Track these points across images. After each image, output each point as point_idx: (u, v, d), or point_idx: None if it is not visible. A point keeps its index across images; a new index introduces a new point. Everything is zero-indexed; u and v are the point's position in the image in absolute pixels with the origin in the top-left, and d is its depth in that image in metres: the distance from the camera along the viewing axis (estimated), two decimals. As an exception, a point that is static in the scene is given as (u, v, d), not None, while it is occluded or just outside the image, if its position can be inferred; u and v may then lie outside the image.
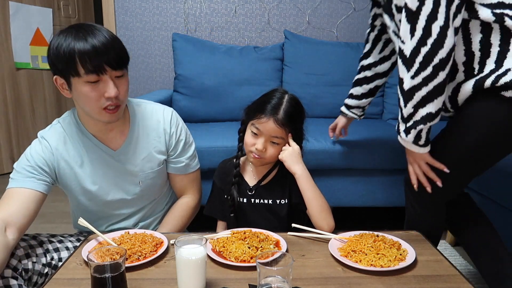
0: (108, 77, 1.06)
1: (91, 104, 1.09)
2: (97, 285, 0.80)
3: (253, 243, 1.03)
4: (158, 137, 1.26)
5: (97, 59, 1.03)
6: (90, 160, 1.20)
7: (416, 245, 1.06)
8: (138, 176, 1.25)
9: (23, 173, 1.13)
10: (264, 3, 2.60)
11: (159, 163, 1.28)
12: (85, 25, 1.08)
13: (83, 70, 1.03)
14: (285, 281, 0.80)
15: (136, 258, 0.99)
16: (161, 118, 1.27)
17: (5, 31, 2.92)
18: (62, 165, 1.18)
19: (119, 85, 1.09)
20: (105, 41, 1.05)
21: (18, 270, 1.00)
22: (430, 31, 1.00)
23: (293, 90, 1.32)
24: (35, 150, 1.17)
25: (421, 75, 1.04)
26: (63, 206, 2.45)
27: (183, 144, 1.31)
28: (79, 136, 1.20)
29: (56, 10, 3.25)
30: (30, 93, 3.15)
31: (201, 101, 2.35)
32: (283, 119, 1.19)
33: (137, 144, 1.24)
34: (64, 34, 1.05)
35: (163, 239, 1.09)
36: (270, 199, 1.28)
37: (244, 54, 2.40)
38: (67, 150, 1.19)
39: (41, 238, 1.13)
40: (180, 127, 1.31)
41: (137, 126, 1.24)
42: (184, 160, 1.32)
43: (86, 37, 1.03)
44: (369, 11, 1.47)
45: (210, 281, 0.91)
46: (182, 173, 1.34)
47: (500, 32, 1.05)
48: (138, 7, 2.59)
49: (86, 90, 1.06)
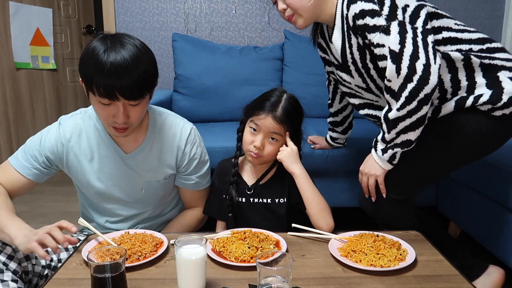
0: (121, 104, 1.04)
1: (101, 118, 1.13)
2: (97, 285, 0.80)
3: (253, 243, 1.03)
4: (171, 151, 1.26)
5: (110, 85, 1.00)
6: (100, 157, 1.22)
7: (416, 245, 1.06)
8: (143, 184, 1.26)
9: (27, 155, 1.19)
10: (264, 3, 2.59)
11: (166, 176, 1.28)
12: (118, 38, 1.04)
13: (96, 92, 1.02)
14: (285, 281, 0.80)
15: (136, 258, 0.99)
16: (178, 133, 1.26)
17: (5, 31, 2.92)
18: (71, 157, 1.21)
19: (132, 111, 1.07)
20: (124, 64, 0.99)
21: (18, 273, 1.00)
22: (414, 69, 1.10)
23: (293, 90, 1.32)
24: (49, 139, 1.20)
25: (406, 108, 1.14)
26: (63, 206, 2.45)
27: (197, 163, 1.30)
28: (94, 132, 1.21)
29: (56, 10, 3.25)
30: (30, 93, 3.15)
31: (201, 101, 2.35)
32: (281, 116, 1.20)
33: (149, 154, 1.24)
34: (98, 43, 1.02)
35: (163, 239, 1.09)
36: (269, 198, 1.28)
37: (244, 54, 2.40)
38: (79, 143, 1.21)
39: None
40: (196, 145, 1.29)
41: (154, 136, 1.24)
42: (195, 178, 1.32)
43: (111, 55, 0.99)
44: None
45: (210, 281, 0.91)
46: (192, 189, 1.34)
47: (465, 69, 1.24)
48: (138, 7, 2.59)
49: (97, 107, 1.08)
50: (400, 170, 1.26)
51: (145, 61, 1.05)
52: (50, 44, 3.22)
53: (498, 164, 1.48)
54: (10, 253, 1.01)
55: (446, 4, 2.62)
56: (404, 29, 1.13)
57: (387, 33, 1.14)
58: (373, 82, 1.33)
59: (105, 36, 1.05)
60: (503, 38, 2.64)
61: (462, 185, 1.70)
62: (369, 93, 1.39)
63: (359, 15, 1.18)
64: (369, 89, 1.36)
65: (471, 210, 1.66)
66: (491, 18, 2.65)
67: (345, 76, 1.39)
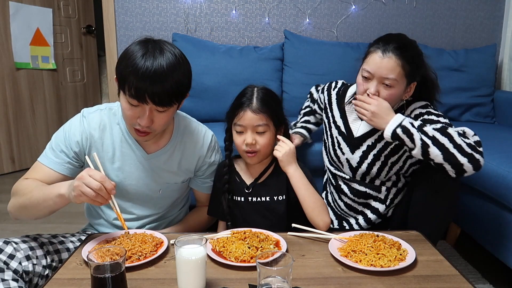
0: (148, 107, 1.07)
1: (126, 119, 1.14)
2: (97, 285, 0.80)
3: (253, 243, 1.03)
4: (192, 157, 1.30)
5: (142, 88, 1.02)
6: (121, 155, 1.23)
7: (416, 245, 1.06)
8: (161, 185, 1.28)
9: (56, 152, 1.19)
10: (264, 3, 2.60)
11: (184, 180, 1.32)
12: (159, 44, 1.07)
13: (127, 92, 1.05)
14: (285, 281, 0.80)
15: (137, 258, 0.99)
16: (200, 140, 1.31)
17: (5, 31, 2.92)
18: (93, 152, 1.21)
19: (157, 117, 1.10)
20: (159, 71, 1.02)
21: (19, 272, 1.00)
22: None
23: (293, 90, 1.33)
24: (74, 130, 1.21)
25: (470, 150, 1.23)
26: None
27: (214, 168, 1.36)
28: (118, 130, 1.23)
29: (56, 10, 3.25)
30: (30, 93, 3.15)
31: (201, 101, 2.35)
32: (259, 106, 1.23)
33: (171, 157, 1.27)
34: (138, 47, 1.06)
35: (163, 239, 1.09)
36: (268, 196, 1.28)
37: (244, 54, 2.40)
38: (102, 139, 1.22)
39: (42, 240, 1.13)
40: (215, 152, 1.35)
41: (177, 140, 1.27)
42: (210, 182, 1.37)
43: (148, 60, 1.02)
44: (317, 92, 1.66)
45: (210, 281, 0.91)
46: (207, 192, 1.38)
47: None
48: (138, 7, 2.59)
49: (125, 107, 1.10)
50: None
51: (181, 72, 1.08)
52: (50, 44, 3.22)
53: (498, 164, 1.48)
54: (11, 252, 1.01)
55: (446, 4, 2.62)
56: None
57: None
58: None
59: (147, 40, 1.09)
60: (503, 38, 2.65)
61: (462, 185, 1.70)
62: (350, 170, 1.49)
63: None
64: (356, 168, 1.47)
65: (471, 210, 1.66)
66: (491, 18, 2.65)
67: (345, 148, 1.48)
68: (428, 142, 1.22)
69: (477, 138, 1.26)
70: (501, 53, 2.65)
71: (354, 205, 1.52)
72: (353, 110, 1.47)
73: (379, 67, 1.28)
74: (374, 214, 1.49)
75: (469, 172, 1.21)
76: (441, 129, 1.24)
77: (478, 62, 2.41)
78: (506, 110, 2.38)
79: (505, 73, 2.61)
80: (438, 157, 1.21)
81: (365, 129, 1.45)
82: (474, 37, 2.67)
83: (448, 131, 1.23)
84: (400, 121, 1.26)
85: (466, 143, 1.22)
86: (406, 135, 1.24)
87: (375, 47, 1.32)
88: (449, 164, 1.21)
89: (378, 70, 1.28)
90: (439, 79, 1.47)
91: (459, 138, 1.22)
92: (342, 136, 1.50)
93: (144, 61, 1.02)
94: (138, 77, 1.02)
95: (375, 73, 1.29)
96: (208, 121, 2.36)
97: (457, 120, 2.43)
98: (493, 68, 2.47)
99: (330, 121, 1.55)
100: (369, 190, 1.48)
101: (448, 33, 2.66)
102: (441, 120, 1.32)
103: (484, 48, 2.48)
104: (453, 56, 2.42)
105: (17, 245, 1.04)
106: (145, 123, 1.09)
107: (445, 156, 1.21)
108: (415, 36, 2.64)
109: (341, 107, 1.53)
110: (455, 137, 1.22)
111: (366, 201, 1.51)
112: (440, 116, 1.34)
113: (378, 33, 2.58)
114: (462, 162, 1.20)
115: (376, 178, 1.48)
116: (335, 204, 1.60)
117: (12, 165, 3.13)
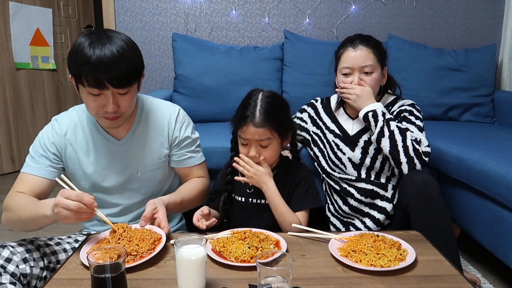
0: (109, 92, 1.09)
1: (91, 111, 1.16)
2: (97, 285, 0.80)
3: (253, 243, 1.03)
4: (162, 131, 1.30)
5: (98, 75, 1.04)
6: (95, 147, 1.26)
7: (416, 245, 1.06)
8: (138, 166, 1.28)
9: (36, 158, 1.22)
10: (264, 3, 2.60)
11: (160, 156, 1.31)
12: (105, 33, 1.09)
13: (85, 82, 1.06)
14: (285, 281, 0.80)
15: (132, 259, 0.98)
16: (167, 114, 1.31)
17: (5, 31, 2.92)
18: (68, 150, 1.25)
19: (121, 100, 1.12)
20: (112, 56, 1.04)
21: (16, 275, 1.00)
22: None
23: (293, 90, 1.33)
24: (46, 134, 1.25)
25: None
26: (63, 206, 2.43)
27: (188, 141, 1.34)
28: (88, 125, 1.26)
29: (56, 10, 3.25)
30: (30, 93, 3.15)
31: (201, 101, 2.35)
32: (261, 120, 1.21)
33: (140, 136, 1.28)
34: (84, 38, 1.08)
35: (162, 235, 1.08)
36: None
37: (244, 54, 2.40)
38: (75, 136, 1.25)
39: (38, 242, 1.13)
40: (185, 125, 1.34)
41: (142, 118, 1.29)
42: (187, 153, 1.35)
43: (97, 48, 1.04)
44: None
45: (210, 281, 0.91)
46: (187, 165, 1.36)
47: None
48: (138, 7, 2.59)
49: (87, 99, 1.12)
50: None
51: (132, 53, 1.10)
52: (50, 44, 3.22)
53: (498, 164, 1.48)
54: (8, 256, 1.01)
55: (446, 4, 2.62)
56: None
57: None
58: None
59: (90, 32, 1.10)
60: (503, 38, 2.65)
61: (462, 185, 1.70)
62: (354, 169, 1.54)
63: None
64: (360, 165, 1.53)
65: (471, 210, 1.66)
66: (491, 18, 2.65)
67: (345, 148, 1.54)
68: (386, 133, 1.39)
69: (428, 150, 1.41)
70: (501, 53, 2.65)
71: (360, 207, 1.53)
72: (343, 113, 1.57)
73: (355, 59, 1.43)
74: (382, 214, 1.50)
75: (405, 172, 1.38)
76: (402, 129, 1.40)
77: (478, 62, 2.41)
78: (506, 110, 2.38)
79: (505, 73, 2.61)
80: (385, 148, 1.39)
81: (358, 127, 1.53)
82: (474, 37, 2.67)
83: (407, 133, 1.39)
84: (375, 108, 1.41)
85: (413, 148, 1.37)
86: (373, 120, 1.41)
87: (343, 48, 1.48)
88: (392, 158, 1.40)
89: (356, 62, 1.43)
90: (439, 79, 1.52)
91: (410, 141, 1.38)
92: (338, 138, 1.56)
93: (93, 49, 1.04)
94: (92, 65, 1.03)
95: (354, 66, 1.44)
96: (208, 121, 2.38)
97: (457, 120, 2.43)
98: (493, 68, 2.47)
99: (323, 129, 1.61)
100: (376, 187, 1.50)
101: (448, 33, 2.66)
102: (416, 123, 1.47)
103: (484, 48, 2.48)
104: (453, 56, 2.42)
105: (13, 248, 1.03)
106: (111, 109, 1.10)
107: (391, 150, 1.39)
108: (415, 36, 2.66)
109: (329, 112, 1.61)
110: (408, 139, 1.38)
111: (373, 201, 1.52)
112: (418, 119, 1.49)
113: (378, 33, 2.59)
114: (401, 161, 1.38)
115: (381, 173, 1.52)
116: (339, 212, 1.60)
117: (12, 165, 3.13)
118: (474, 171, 1.57)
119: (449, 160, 1.71)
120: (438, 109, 2.40)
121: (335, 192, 1.61)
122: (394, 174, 1.51)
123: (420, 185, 1.31)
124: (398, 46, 2.45)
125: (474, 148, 1.67)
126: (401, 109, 1.51)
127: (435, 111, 2.40)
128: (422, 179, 1.33)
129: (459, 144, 1.76)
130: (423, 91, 2.38)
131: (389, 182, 1.52)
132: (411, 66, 2.40)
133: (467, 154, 1.63)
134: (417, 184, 1.32)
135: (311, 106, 1.67)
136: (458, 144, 1.76)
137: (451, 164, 1.71)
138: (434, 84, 2.38)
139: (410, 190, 1.33)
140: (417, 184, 1.32)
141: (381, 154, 1.49)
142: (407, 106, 1.51)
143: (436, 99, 2.39)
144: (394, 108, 1.54)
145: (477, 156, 1.58)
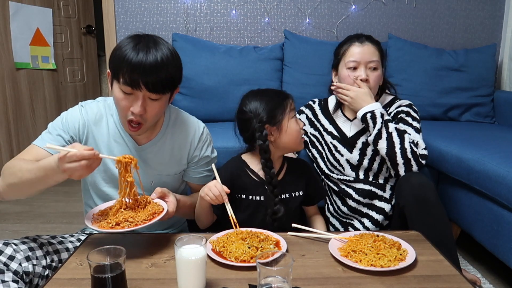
0: (141, 94, 1.09)
1: (118, 110, 1.17)
2: (97, 285, 0.80)
3: (253, 243, 1.03)
4: (184, 148, 1.30)
5: (136, 75, 1.06)
6: (114, 146, 1.25)
7: (416, 245, 1.06)
8: (153, 176, 1.28)
9: (53, 135, 1.20)
10: (264, 3, 2.60)
11: (176, 171, 1.32)
12: (151, 38, 1.11)
13: (121, 79, 1.08)
14: (285, 281, 0.80)
15: (127, 225, 1.01)
16: (191, 131, 1.32)
17: (5, 31, 2.92)
18: (90, 141, 1.24)
19: (150, 105, 1.12)
20: (154, 61, 1.06)
21: (19, 273, 1.00)
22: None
23: (293, 90, 1.33)
24: (72, 115, 1.24)
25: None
26: (63, 206, 2.45)
27: (207, 160, 1.36)
28: (111, 121, 1.26)
29: (56, 10, 3.25)
30: (30, 93, 3.14)
31: (201, 101, 2.35)
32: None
33: (162, 147, 1.28)
34: (130, 39, 1.10)
35: (165, 208, 1.10)
36: (287, 193, 1.30)
37: (244, 54, 2.40)
38: (99, 128, 1.25)
39: (41, 240, 1.13)
40: (207, 144, 1.36)
41: (167, 131, 1.29)
42: (204, 172, 1.37)
43: (142, 51, 1.06)
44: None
45: (210, 281, 0.91)
46: (200, 183, 1.36)
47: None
48: (138, 7, 2.59)
49: (118, 96, 1.12)
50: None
51: (174, 65, 1.13)
52: (50, 44, 3.22)
53: (498, 164, 1.48)
54: (11, 254, 1.01)
55: (446, 4, 2.62)
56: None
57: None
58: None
59: (139, 35, 1.13)
60: (503, 38, 2.65)
61: (462, 185, 1.70)
62: (352, 170, 1.54)
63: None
64: (358, 166, 1.53)
65: (471, 210, 1.66)
66: (491, 18, 2.65)
67: (343, 149, 1.55)
68: (383, 134, 1.39)
69: (425, 152, 1.42)
70: (501, 53, 2.65)
71: (359, 208, 1.53)
72: (340, 115, 1.58)
73: (362, 53, 1.44)
74: (381, 215, 1.50)
75: (401, 173, 1.40)
76: (400, 131, 1.41)
77: (478, 62, 2.41)
78: (506, 110, 2.38)
79: (505, 73, 2.61)
80: (383, 149, 1.40)
81: (356, 128, 1.54)
82: (474, 37, 2.67)
83: (405, 135, 1.40)
84: (374, 109, 1.41)
85: (411, 150, 1.38)
86: (372, 121, 1.40)
87: (349, 43, 1.49)
88: (389, 160, 1.40)
89: (363, 56, 1.44)
90: (439, 79, 1.53)
91: (408, 144, 1.39)
92: (336, 139, 1.56)
93: (137, 51, 1.06)
94: (132, 65, 1.05)
95: (361, 60, 1.44)
96: (208, 121, 2.37)
97: (457, 120, 2.43)
98: (493, 68, 2.47)
99: (320, 131, 1.62)
100: (374, 188, 1.51)
101: (448, 33, 2.66)
102: (413, 124, 1.48)
103: (484, 48, 2.48)
104: (453, 56, 2.42)
105: (16, 246, 1.04)
106: (138, 111, 1.10)
107: (388, 152, 1.39)
108: (415, 36, 2.66)
109: (327, 114, 1.61)
110: (406, 141, 1.39)
111: (371, 202, 1.52)
112: (416, 120, 1.50)
113: (378, 33, 2.59)
114: (398, 162, 1.39)
115: (379, 174, 1.52)
116: (338, 212, 1.61)
117: (12, 165, 3.12)
118: (474, 171, 1.57)
119: (449, 160, 1.71)
120: (438, 109, 2.40)
121: (334, 193, 1.61)
122: (392, 175, 1.51)
123: (417, 187, 1.32)
124: (398, 46, 2.45)
125: (474, 148, 1.67)
126: (398, 110, 1.53)
127: (435, 111, 2.40)
128: (418, 181, 1.33)
129: (459, 144, 1.76)
130: (423, 91, 2.38)
131: (387, 183, 1.52)
132: (411, 66, 2.40)
133: (467, 154, 1.63)
134: (413, 186, 1.32)
135: (308, 107, 1.68)
136: (458, 144, 1.76)
137: (451, 164, 1.71)
138: (434, 84, 2.38)
139: (406, 192, 1.33)
140: (414, 186, 1.32)
141: (379, 156, 1.49)
142: (404, 107, 1.52)
143: (436, 99, 2.39)
144: (391, 109, 1.54)
145: (477, 156, 1.58)
